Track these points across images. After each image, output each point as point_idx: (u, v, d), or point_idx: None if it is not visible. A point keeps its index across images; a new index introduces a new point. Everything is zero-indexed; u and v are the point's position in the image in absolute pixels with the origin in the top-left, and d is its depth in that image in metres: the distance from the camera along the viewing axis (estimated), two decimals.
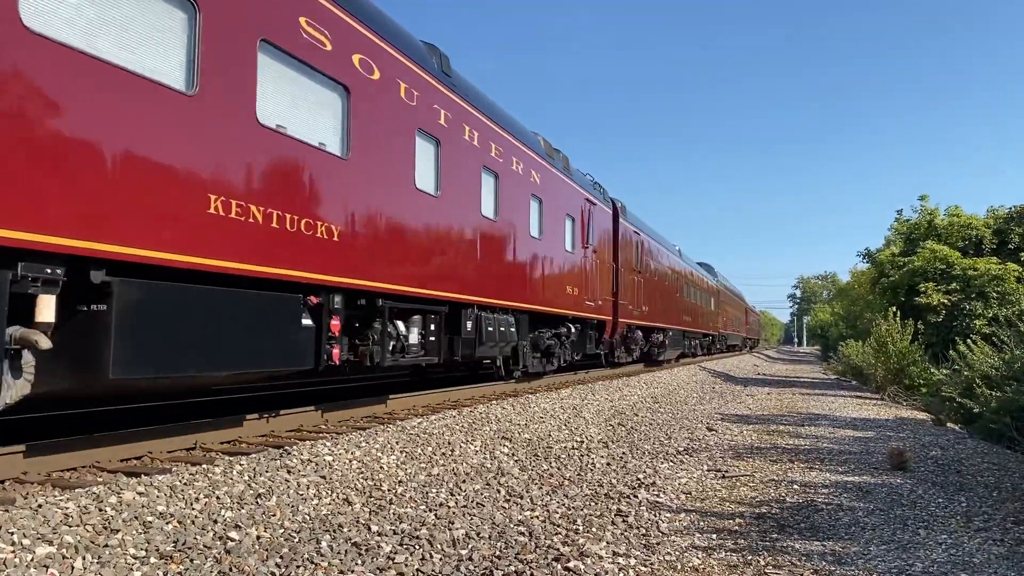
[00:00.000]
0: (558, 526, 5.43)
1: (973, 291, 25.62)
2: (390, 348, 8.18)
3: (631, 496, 6.53)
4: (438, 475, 6.58)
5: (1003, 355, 14.13)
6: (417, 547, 4.64)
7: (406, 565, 4.34)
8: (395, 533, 4.90)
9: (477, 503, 5.86)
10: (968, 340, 17.46)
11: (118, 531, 4.06)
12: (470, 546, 4.80)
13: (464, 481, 6.50)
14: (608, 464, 8.01)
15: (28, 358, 4.51)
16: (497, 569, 4.39)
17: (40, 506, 4.09)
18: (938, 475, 8.17)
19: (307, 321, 6.72)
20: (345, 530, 4.83)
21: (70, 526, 3.97)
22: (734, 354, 52.01)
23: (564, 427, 10.00)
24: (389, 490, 5.87)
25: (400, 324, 8.49)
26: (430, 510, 5.51)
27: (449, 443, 7.62)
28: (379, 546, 4.59)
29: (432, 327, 9.13)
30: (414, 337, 8.70)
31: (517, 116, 13.33)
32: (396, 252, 8.19)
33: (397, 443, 7.11)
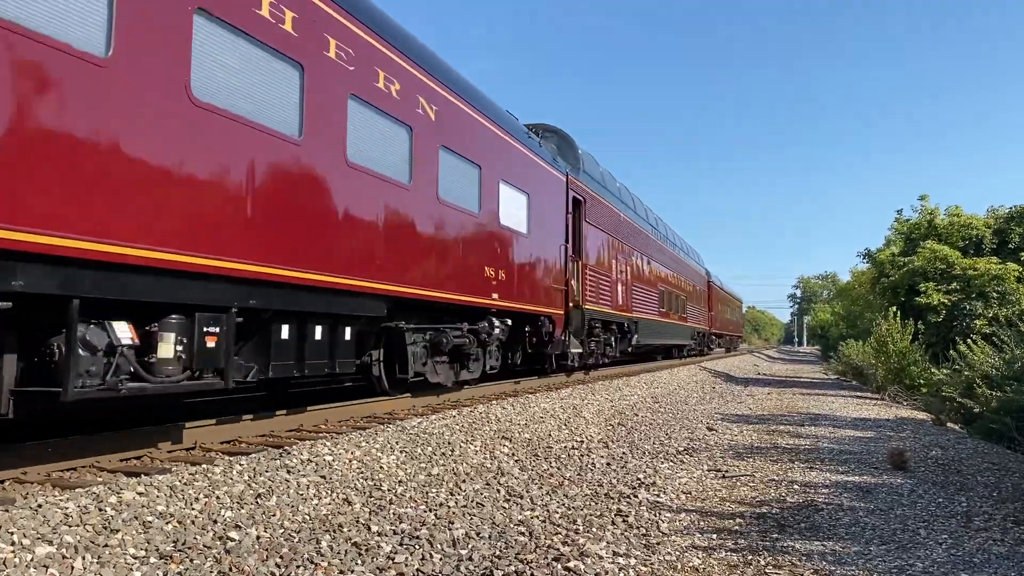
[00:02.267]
0: (558, 526, 5.43)
1: (973, 291, 25.63)
2: None
3: (631, 496, 6.52)
4: (438, 475, 6.58)
5: (1003, 355, 14.14)
6: (417, 547, 4.64)
7: (406, 565, 4.34)
8: (395, 533, 4.90)
9: (477, 503, 5.86)
10: (968, 340, 17.48)
11: (118, 531, 4.06)
12: (470, 546, 4.79)
13: (464, 481, 6.50)
14: (608, 464, 8.01)
15: None
16: (497, 569, 4.39)
17: (40, 506, 4.08)
18: (938, 475, 8.17)
19: None
20: (345, 530, 4.83)
21: (70, 526, 3.97)
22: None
23: (564, 427, 10.00)
24: (389, 490, 5.87)
25: None
26: (430, 510, 5.50)
27: (449, 443, 7.62)
28: (379, 546, 4.59)
29: None
30: None
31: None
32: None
33: (397, 443, 7.10)
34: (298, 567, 4.11)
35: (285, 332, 6.86)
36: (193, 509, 4.60)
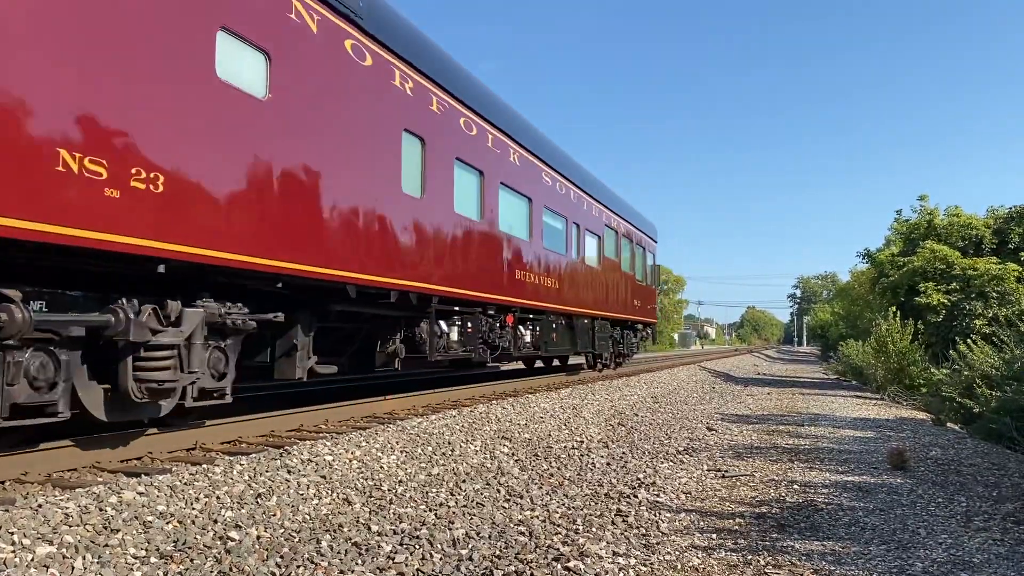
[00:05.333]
0: (558, 526, 5.43)
1: (973, 291, 25.63)
2: None
3: (631, 496, 6.53)
4: (438, 475, 6.59)
5: (1003, 355, 14.15)
6: (417, 547, 4.64)
7: (406, 565, 4.34)
8: (395, 533, 4.90)
9: (477, 503, 5.86)
10: (968, 340, 17.48)
11: (118, 531, 4.06)
12: (470, 546, 4.80)
13: (464, 481, 6.50)
14: (608, 464, 8.01)
15: None
16: (497, 569, 4.39)
17: (40, 506, 4.09)
18: (938, 475, 8.17)
19: None
20: (345, 530, 4.83)
21: (70, 526, 3.98)
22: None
23: (564, 427, 10.00)
24: (389, 490, 5.87)
25: None
26: (430, 510, 5.51)
27: (449, 443, 7.62)
28: (379, 546, 4.60)
29: None
30: None
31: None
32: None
33: (397, 443, 7.11)
34: (298, 567, 4.12)
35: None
36: (193, 509, 4.60)
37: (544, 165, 14.10)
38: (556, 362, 19.92)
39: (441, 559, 4.50)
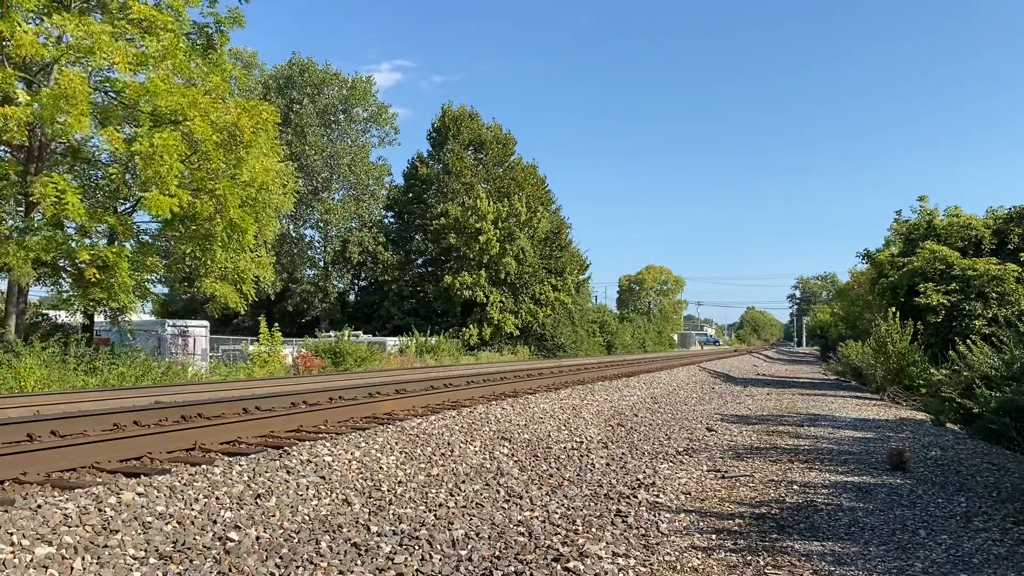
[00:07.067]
0: (558, 526, 5.43)
1: (972, 291, 25.62)
2: None
3: (631, 496, 6.52)
4: (438, 475, 6.58)
5: (1002, 355, 14.14)
6: (417, 547, 4.64)
7: (406, 565, 4.34)
8: (395, 533, 4.90)
9: (477, 503, 5.86)
10: (967, 340, 17.48)
11: (117, 531, 4.06)
12: (470, 546, 4.79)
13: (464, 481, 6.50)
14: (608, 464, 8.01)
15: None
16: (497, 569, 4.39)
17: (40, 506, 4.09)
18: (938, 475, 8.17)
19: None
20: (344, 530, 4.83)
21: (69, 526, 3.97)
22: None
23: (564, 427, 10.00)
24: (388, 490, 5.87)
25: None
26: (430, 510, 5.50)
27: (449, 443, 7.62)
28: (379, 546, 4.59)
29: None
30: None
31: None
32: None
33: (397, 443, 7.11)
34: (298, 567, 4.11)
35: None
36: (192, 510, 4.60)
37: None
38: None
39: (441, 560, 4.50)
